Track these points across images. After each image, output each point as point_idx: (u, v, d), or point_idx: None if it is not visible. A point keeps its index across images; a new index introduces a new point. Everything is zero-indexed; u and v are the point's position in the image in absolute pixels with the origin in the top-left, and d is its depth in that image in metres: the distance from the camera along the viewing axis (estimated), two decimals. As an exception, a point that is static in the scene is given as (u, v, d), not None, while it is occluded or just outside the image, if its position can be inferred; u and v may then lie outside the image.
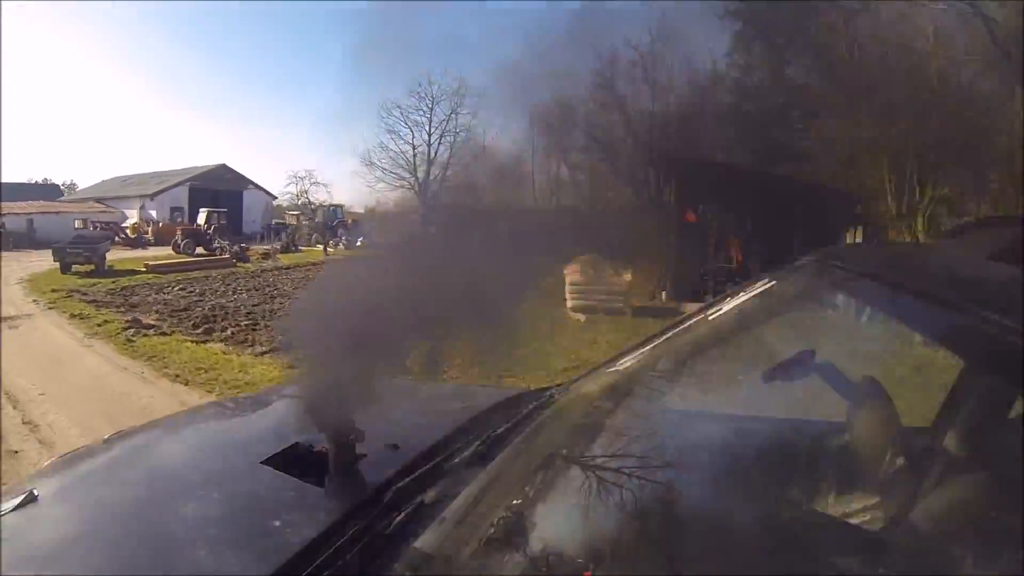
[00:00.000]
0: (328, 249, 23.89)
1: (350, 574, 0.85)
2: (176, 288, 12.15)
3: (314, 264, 18.72)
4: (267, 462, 1.16)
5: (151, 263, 15.34)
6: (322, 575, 0.84)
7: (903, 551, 0.71)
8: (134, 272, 14.69)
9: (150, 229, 27.77)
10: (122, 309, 9.57)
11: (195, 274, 14.70)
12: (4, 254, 19.43)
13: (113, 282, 12.95)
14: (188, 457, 1.23)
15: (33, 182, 43.10)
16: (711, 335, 1.37)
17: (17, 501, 1.05)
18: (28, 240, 24.82)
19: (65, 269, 14.18)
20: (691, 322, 1.41)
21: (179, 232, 22.35)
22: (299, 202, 34.20)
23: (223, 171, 34.98)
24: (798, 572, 0.77)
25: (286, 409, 1.57)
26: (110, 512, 1.01)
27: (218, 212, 25.60)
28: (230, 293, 11.71)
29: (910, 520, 0.78)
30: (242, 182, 35.47)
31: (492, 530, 0.74)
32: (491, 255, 1.39)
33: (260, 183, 36.05)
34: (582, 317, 8.99)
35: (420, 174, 31.79)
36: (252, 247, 21.41)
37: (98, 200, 33.12)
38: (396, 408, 1.59)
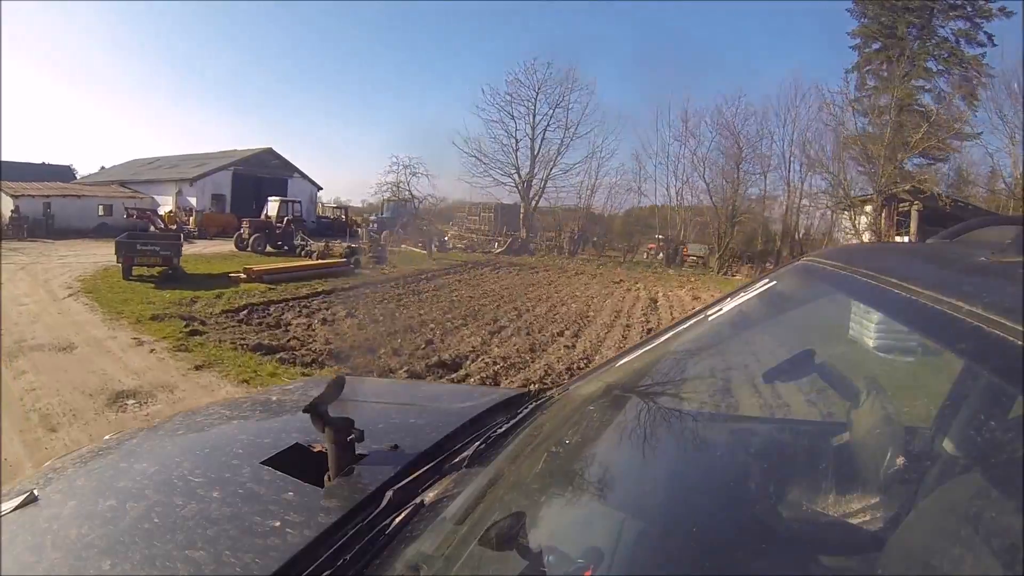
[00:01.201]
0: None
1: (350, 574, 0.85)
2: (340, 312, 8.72)
3: (447, 272, 16.28)
4: (267, 462, 1.16)
5: (253, 268, 11.98)
6: (322, 575, 0.84)
7: (903, 551, 0.71)
8: (217, 277, 11.66)
9: (191, 219, 23.45)
10: (335, 365, 6.28)
11: (319, 284, 11.71)
12: (19, 244, 17.06)
13: (217, 295, 9.59)
14: (188, 457, 1.23)
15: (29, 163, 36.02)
16: (711, 335, 1.37)
17: (17, 501, 1.05)
18: (45, 227, 21.31)
19: (128, 272, 11.17)
20: (691, 322, 1.41)
21: (246, 225, 18.50)
22: (400, 194, 30.21)
23: (269, 156, 30.78)
24: (798, 572, 0.77)
25: (286, 409, 1.57)
26: (110, 512, 1.01)
27: (291, 202, 21.40)
28: (454, 325, 8.31)
29: (910, 520, 0.78)
30: (288, 168, 31.37)
31: (492, 530, 0.74)
32: None
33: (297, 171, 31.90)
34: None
35: (523, 171, 28.88)
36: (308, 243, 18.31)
37: (123, 184, 28.63)
38: (396, 408, 1.59)
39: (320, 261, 15.25)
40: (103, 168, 37.33)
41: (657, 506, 0.91)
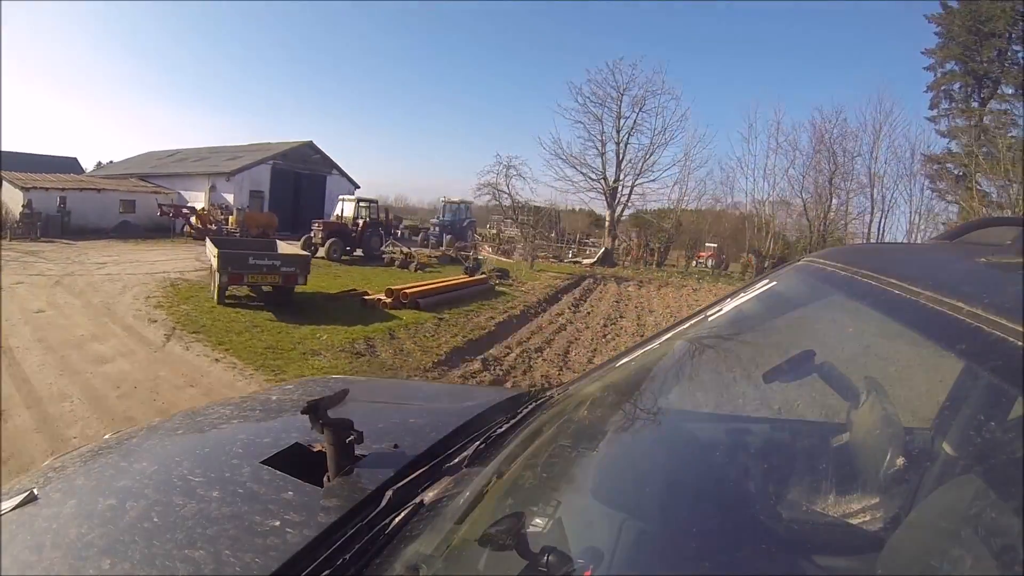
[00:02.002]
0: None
1: (350, 574, 0.85)
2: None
3: (583, 288, 13.81)
4: (267, 462, 1.16)
5: (404, 290, 9.42)
6: (322, 575, 0.84)
7: (903, 551, 0.71)
8: (338, 299, 9.39)
9: (231, 218, 19.81)
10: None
11: (483, 308, 9.65)
12: (35, 246, 14.55)
13: (389, 333, 7.39)
14: (188, 457, 1.23)
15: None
16: (711, 335, 1.37)
17: (17, 501, 1.06)
18: (60, 226, 18.06)
19: (223, 293, 8.47)
20: (691, 322, 1.41)
21: (318, 228, 15.93)
22: (500, 198, 26.24)
23: (309, 150, 26.99)
24: (798, 572, 0.77)
25: (286, 409, 1.57)
26: (110, 512, 1.01)
27: (368, 202, 18.74)
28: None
29: (910, 520, 0.78)
30: (327, 164, 27.75)
31: (492, 530, 0.74)
32: None
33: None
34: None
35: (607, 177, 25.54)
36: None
37: (143, 178, 24.63)
38: (396, 408, 1.59)
39: (464, 279, 12.34)
40: (100, 164, 33.20)
41: (657, 506, 0.90)
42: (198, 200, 22.14)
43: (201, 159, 26.39)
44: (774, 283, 1.32)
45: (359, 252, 16.43)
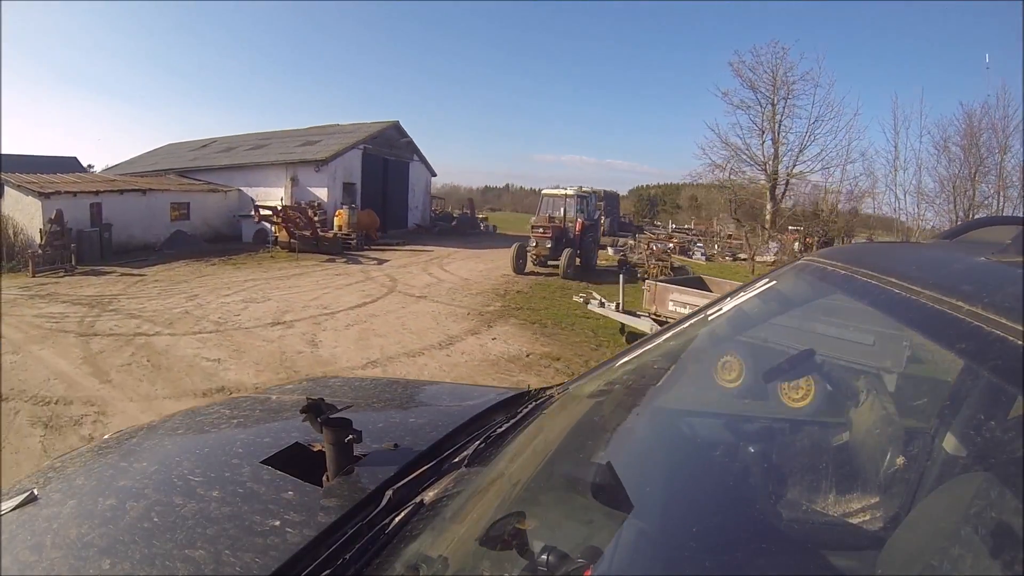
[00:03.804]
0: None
1: (350, 573, 0.85)
2: None
3: None
4: (267, 462, 1.16)
5: None
6: (322, 575, 0.84)
7: (903, 551, 0.71)
8: None
9: (340, 219, 15.37)
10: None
11: None
12: (86, 287, 8.56)
13: None
14: (188, 457, 1.23)
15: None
16: (711, 335, 1.37)
17: (17, 501, 1.06)
18: (100, 245, 12.48)
19: None
20: (691, 322, 1.41)
21: (543, 233, 11.73)
22: (732, 184, 23.46)
23: (396, 133, 21.96)
24: (798, 572, 0.77)
25: (286, 409, 1.57)
26: (110, 512, 1.01)
27: (586, 197, 13.41)
28: None
29: (910, 520, 0.78)
30: (410, 150, 23.02)
31: (492, 530, 0.74)
32: None
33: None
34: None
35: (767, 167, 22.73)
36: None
37: (181, 173, 18.93)
38: (396, 408, 1.59)
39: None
40: (151, 151, 24.99)
41: (657, 506, 0.90)
42: (270, 198, 16.76)
43: (257, 147, 20.70)
44: (774, 282, 1.32)
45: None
